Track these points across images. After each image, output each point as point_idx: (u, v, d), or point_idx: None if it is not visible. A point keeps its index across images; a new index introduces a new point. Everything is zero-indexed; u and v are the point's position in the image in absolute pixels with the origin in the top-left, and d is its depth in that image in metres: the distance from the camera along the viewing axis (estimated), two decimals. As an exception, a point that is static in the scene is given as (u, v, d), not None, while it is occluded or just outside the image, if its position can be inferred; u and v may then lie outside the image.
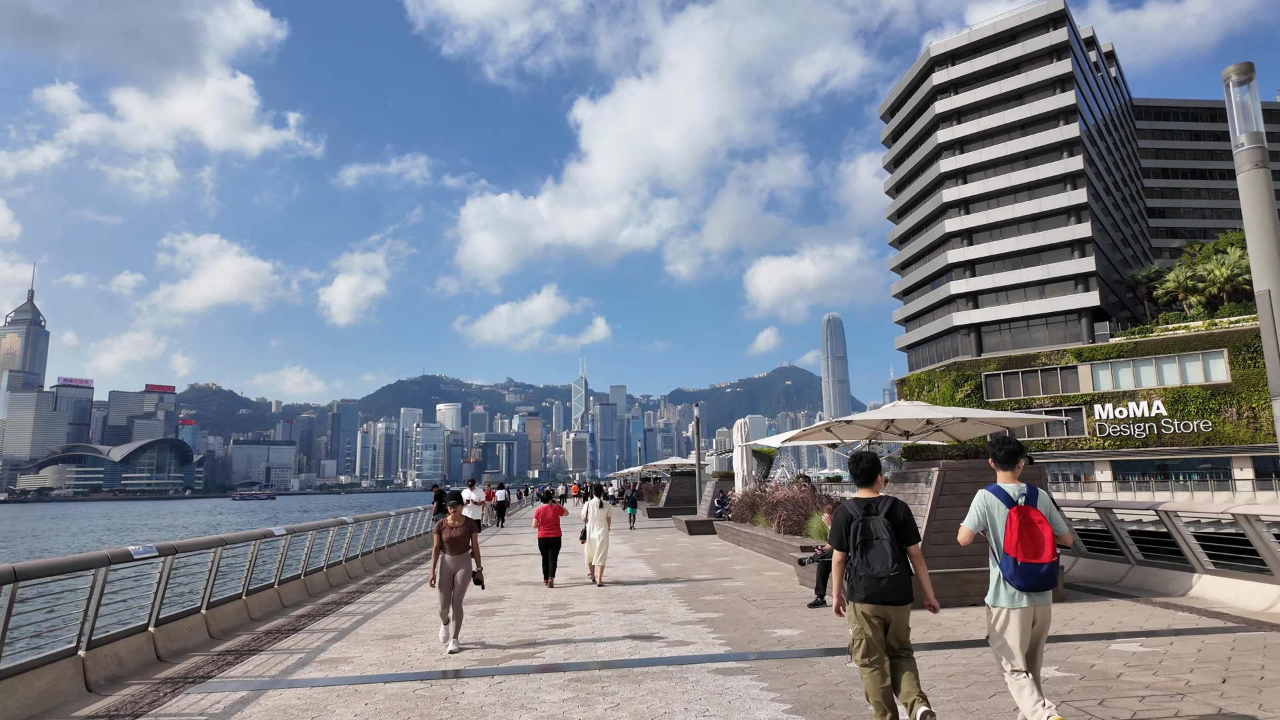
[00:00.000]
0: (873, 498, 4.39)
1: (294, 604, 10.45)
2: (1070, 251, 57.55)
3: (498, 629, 8.24)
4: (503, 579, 12.83)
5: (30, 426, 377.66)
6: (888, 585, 4.14)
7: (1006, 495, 4.26)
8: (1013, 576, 4.11)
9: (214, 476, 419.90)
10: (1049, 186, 58.90)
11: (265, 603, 9.80)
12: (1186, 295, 54.10)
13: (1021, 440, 61.84)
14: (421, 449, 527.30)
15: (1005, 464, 4.40)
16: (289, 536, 10.28)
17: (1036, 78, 59.17)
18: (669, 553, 16.57)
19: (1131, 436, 51.13)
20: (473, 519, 8.56)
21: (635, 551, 17.16)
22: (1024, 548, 4.09)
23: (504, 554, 17.82)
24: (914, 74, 66.76)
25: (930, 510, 8.19)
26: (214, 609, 8.49)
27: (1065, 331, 57.22)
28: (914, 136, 67.56)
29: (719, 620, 8.30)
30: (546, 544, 12.04)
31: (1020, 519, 4.15)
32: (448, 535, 7.54)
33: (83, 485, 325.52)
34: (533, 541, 21.22)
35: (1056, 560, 4.14)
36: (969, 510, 4.39)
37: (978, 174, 62.13)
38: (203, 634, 8.09)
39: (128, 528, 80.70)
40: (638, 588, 11.18)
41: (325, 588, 12.02)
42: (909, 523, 4.32)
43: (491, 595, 10.84)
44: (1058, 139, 57.84)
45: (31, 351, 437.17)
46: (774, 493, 15.98)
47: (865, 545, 4.23)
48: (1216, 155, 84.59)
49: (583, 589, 11.41)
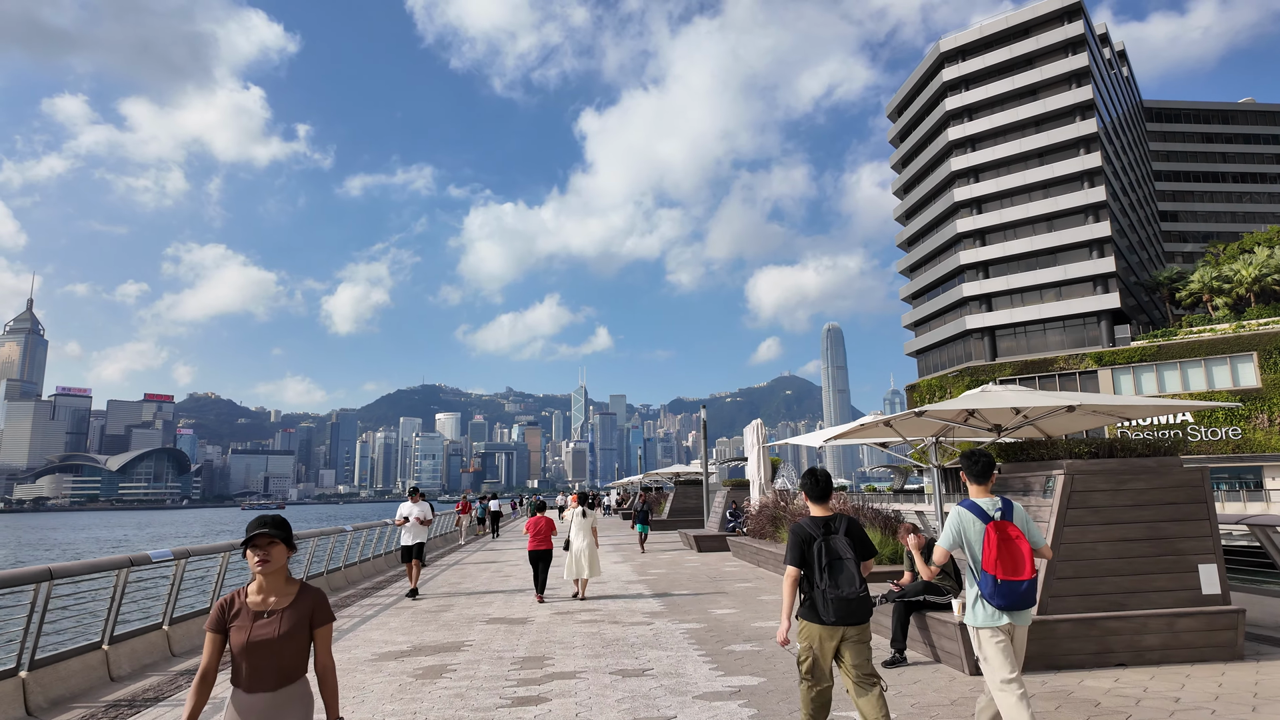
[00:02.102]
0: (829, 515, 4.24)
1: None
2: (1088, 252, 55.33)
3: (439, 703, 5.87)
4: (470, 613, 10.39)
5: (28, 436, 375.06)
6: (855, 605, 4.05)
7: (982, 511, 4.14)
8: (992, 595, 3.98)
9: (212, 486, 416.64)
10: (1065, 184, 56.77)
11: None
12: (1212, 296, 51.83)
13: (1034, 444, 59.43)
14: (420, 459, 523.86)
15: (980, 478, 4.24)
16: None
17: (1051, 72, 57.16)
18: (677, 575, 14.15)
19: (1156, 444, 48.70)
20: (419, 533, 6.04)
21: (637, 573, 14.71)
22: (1003, 565, 3.97)
23: (481, 575, 15.43)
24: (923, 70, 64.79)
25: (1054, 528, 5.83)
26: None
27: (1084, 335, 54.91)
28: (923, 134, 65.50)
29: (760, 691, 5.89)
30: (537, 556, 11.40)
31: (998, 535, 4.02)
32: (246, 637, 2.83)
33: (79, 495, 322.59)
34: (520, 556, 18.89)
35: (1036, 576, 4.02)
36: (945, 528, 4.22)
37: (990, 172, 60.02)
38: None
39: (142, 538, 78.76)
40: (641, 629, 8.75)
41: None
42: (866, 540, 4.25)
43: (448, 640, 8.47)
44: (1074, 135, 55.77)
45: (30, 360, 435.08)
46: (802, 504, 13.60)
47: (832, 566, 4.07)
48: (1229, 158, 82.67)
49: (569, 626, 9.04)
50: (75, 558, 39.45)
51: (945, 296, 61.78)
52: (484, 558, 20.02)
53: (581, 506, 11.79)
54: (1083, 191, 55.18)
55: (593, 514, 11.91)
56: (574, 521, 11.62)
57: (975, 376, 55.21)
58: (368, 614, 10.66)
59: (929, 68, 63.83)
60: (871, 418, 8.57)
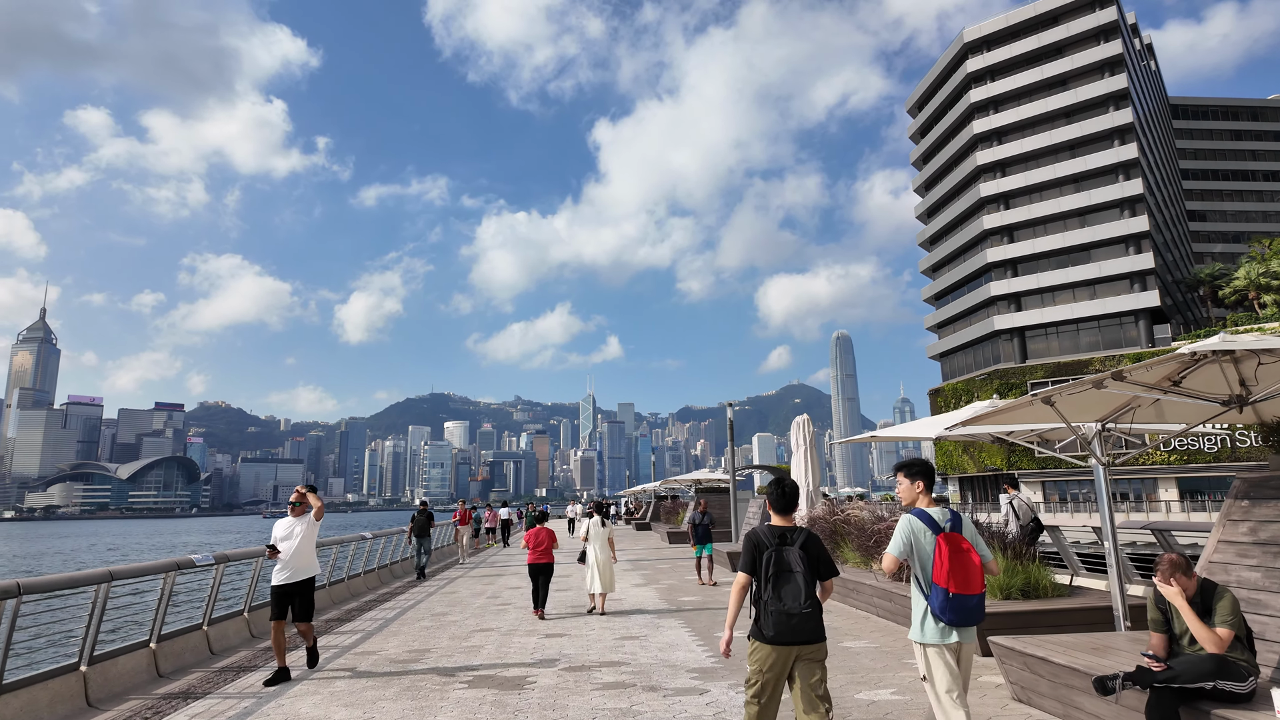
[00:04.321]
0: (788, 526, 3.93)
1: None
2: (1124, 248, 52.63)
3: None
4: (450, 662, 7.72)
5: (39, 444, 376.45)
6: (798, 622, 3.69)
7: (933, 520, 3.88)
8: (943, 610, 3.73)
9: (221, 495, 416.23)
10: (1099, 178, 54.16)
11: None
12: (1259, 294, 48.96)
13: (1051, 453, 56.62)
14: (429, 467, 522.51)
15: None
16: None
17: (1082, 61, 54.70)
18: (715, 603, 11.64)
19: (1201, 451, 45.90)
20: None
21: (665, 599, 11.98)
22: (955, 578, 3.70)
23: (474, 602, 13.01)
24: (946, 62, 62.43)
25: None
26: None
27: (1120, 335, 52.14)
28: (946, 129, 63.06)
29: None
30: (537, 570, 10.76)
31: (950, 547, 3.76)
32: None
33: (90, 503, 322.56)
34: (525, 577, 16.47)
35: (984, 592, 3.79)
36: (895, 535, 3.93)
37: (1018, 166, 57.49)
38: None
39: (182, 545, 78.00)
40: (690, 703, 5.92)
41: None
42: (824, 556, 3.87)
43: (414, 708, 6.07)
44: (1108, 126, 53.21)
45: (42, 369, 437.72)
46: (870, 517, 11.07)
47: (778, 578, 3.75)
48: (1260, 155, 79.73)
49: (585, 697, 6.57)
50: (81, 567, 37.34)
51: (971, 296, 59.14)
52: (483, 574, 17.64)
53: (599, 516, 11.25)
54: (1118, 185, 52.55)
55: (610, 524, 11.46)
56: (591, 531, 11.04)
57: (1005, 380, 52.48)
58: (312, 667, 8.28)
59: (952, 59, 61.46)
60: (1028, 396, 6.11)
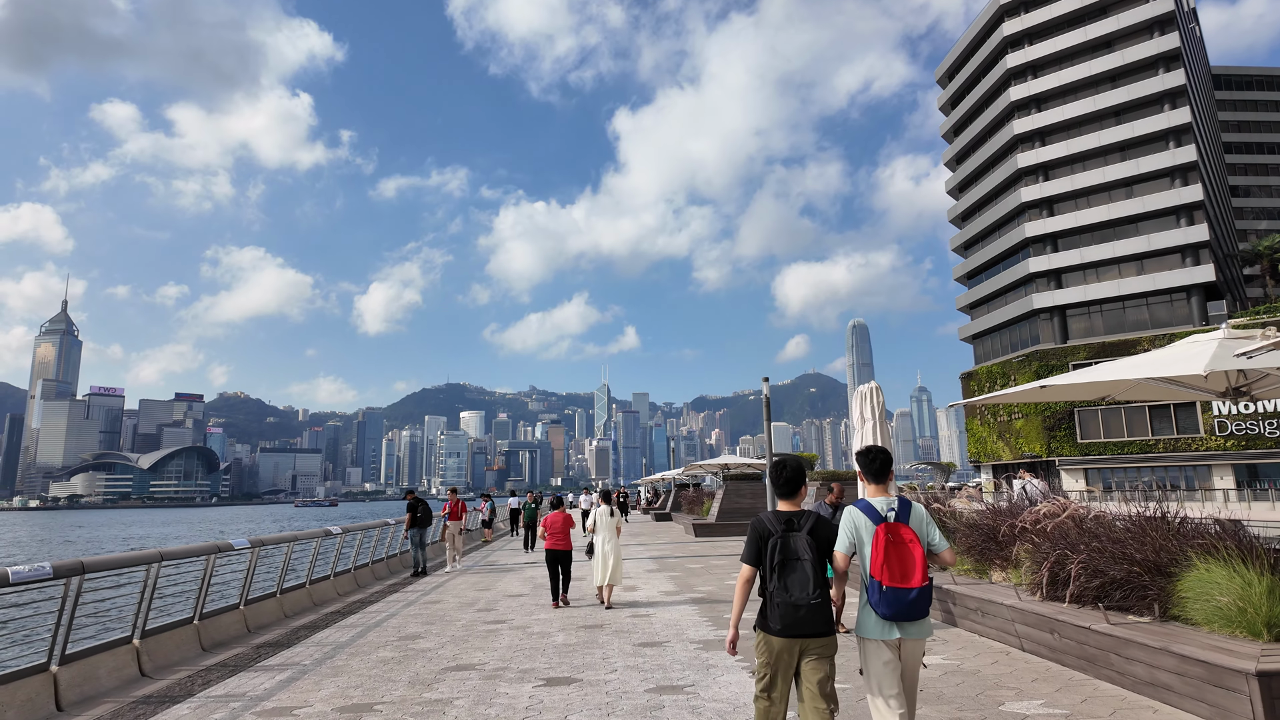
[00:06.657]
0: (794, 511, 3.65)
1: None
2: (1175, 219, 49.34)
3: None
4: (445, 694, 5.80)
5: (63, 435, 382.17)
6: (806, 615, 3.43)
7: (875, 511, 3.67)
8: (877, 603, 3.51)
9: (240, 484, 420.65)
10: (1147, 145, 50.82)
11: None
12: (1324, 267, 45.62)
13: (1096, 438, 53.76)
14: (445, 456, 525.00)
15: (877, 476, 3.83)
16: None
17: (1128, 20, 51.23)
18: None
19: (1261, 435, 42.86)
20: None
21: (709, 618, 8.85)
22: (890, 570, 3.50)
23: (456, 621, 10.82)
24: (980, 27, 59.06)
25: None
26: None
27: (1171, 312, 48.99)
28: (980, 97, 59.77)
29: None
30: (555, 557, 10.51)
31: (887, 537, 3.56)
32: None
33: (112, 492, 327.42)
34: (523, 588, 14.34)
35: (929, 585, 3.50)
36: (839, 530, 3.70)
37: (1058, 134, 54.20)
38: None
39: (224, 533, 77.69)
40: None
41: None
42: (834, 543, 3.66)
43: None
44: (1158, 89, 49.81)
45: (65, 361, 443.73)
46: (982, 510, 8.63)
47: (784, 567, 3.50)
48: (1309, 126, 75.50)
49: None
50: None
51: (1008, 274, 56.11)
52: (481, 576, 15.50)
53: (607, 505, 10.75)
54: (1169, 152, 49.20)
55: (619, 514, 11.10)
56: (600, 521, 10.53)
57: (1045, 362, 49.57)
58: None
59: (987, 22, 58.10)
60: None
